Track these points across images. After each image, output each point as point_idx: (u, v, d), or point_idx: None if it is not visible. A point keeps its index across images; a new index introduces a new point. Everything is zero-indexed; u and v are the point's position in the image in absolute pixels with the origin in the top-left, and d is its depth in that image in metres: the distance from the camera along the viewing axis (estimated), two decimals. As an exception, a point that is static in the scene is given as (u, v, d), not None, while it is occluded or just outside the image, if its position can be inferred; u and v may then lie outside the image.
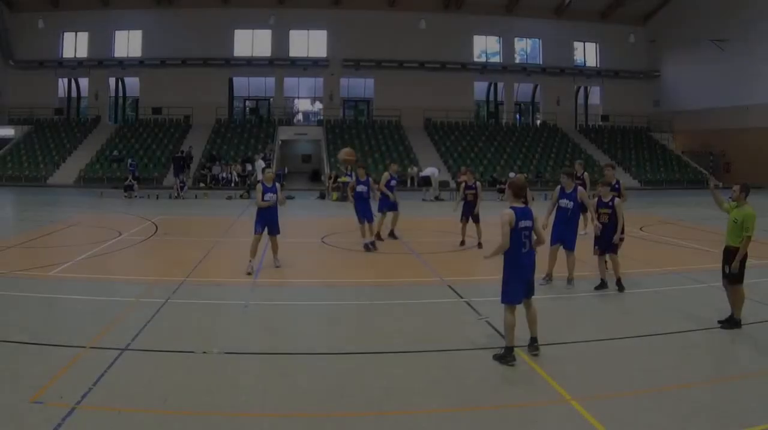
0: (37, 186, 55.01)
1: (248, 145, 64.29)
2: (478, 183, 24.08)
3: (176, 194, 45.79)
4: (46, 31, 68.86)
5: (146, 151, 62.46)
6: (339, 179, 46.23)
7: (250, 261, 18.23)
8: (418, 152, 62.98)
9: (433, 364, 11.18)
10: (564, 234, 17.03)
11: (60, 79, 73.38)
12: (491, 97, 77.10)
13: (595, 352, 11.97)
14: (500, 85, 76.00)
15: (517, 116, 78.16)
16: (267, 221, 18.63)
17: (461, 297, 15.53)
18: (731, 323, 13.01)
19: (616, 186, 18.79)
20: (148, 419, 8.66)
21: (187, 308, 14.47)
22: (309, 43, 72.69)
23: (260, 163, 46.38)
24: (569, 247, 17.04)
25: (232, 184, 55.42)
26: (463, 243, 23.76)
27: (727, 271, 12.99)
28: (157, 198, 44.87)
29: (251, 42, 72.50)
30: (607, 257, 16.73)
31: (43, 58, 70.57)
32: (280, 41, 71.83)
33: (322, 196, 47.38)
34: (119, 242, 24.30)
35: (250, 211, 33.69)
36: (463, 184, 24.42)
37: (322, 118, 72.36)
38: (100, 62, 71.41)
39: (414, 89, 70.18)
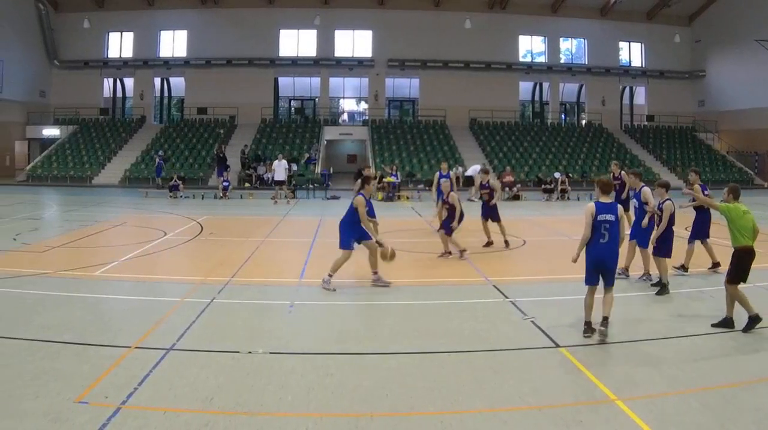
0: (83, 186, 55.67)
1: (293, 145, 64.46)
2: (493, 182, 24.40)
3: (221, 194, 45.95)
4: (91, 31, 69.75)
5: (191, 152, 62.89)
6: (384, 179, 46.20)
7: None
8: (463, 152, 62.72)
9: (478, 363, 11.12)
10: (636, 231, 17.71)
11: (105, 79, 74.25)
12: (536, 97, 77.00)
13: (639, 351, 11.85)
14: (545, 85, 75.90)
15: (563, 116, 77.78)
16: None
17: (506, 297, 15.46)
18: (726, 323, 13.04)
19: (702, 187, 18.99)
20: (193, 419, 8.67)
21: (233, 308, 14.48)
22: (354, 43, 72.86)
23: (283, 164, 46.17)
24: (640, 244, 17.58)
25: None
26: (489, 244, 23.71)
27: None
28: (203, 198, 45.22)
29: (296, 42, 72.81)
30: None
31: (88, 58, 71.40)
32: (326, 41, 72.01)
33: (368, 197, 47.15)
34: (165, 242, 24.43)
35: (295, 212, 33.78)
36: (478, 184, 24.84)
37: (367, 118, 72.57)
38: (146, 62, 72.12)
39: (459, 89, 70.14)
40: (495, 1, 70.11)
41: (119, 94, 76.19)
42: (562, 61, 74.78)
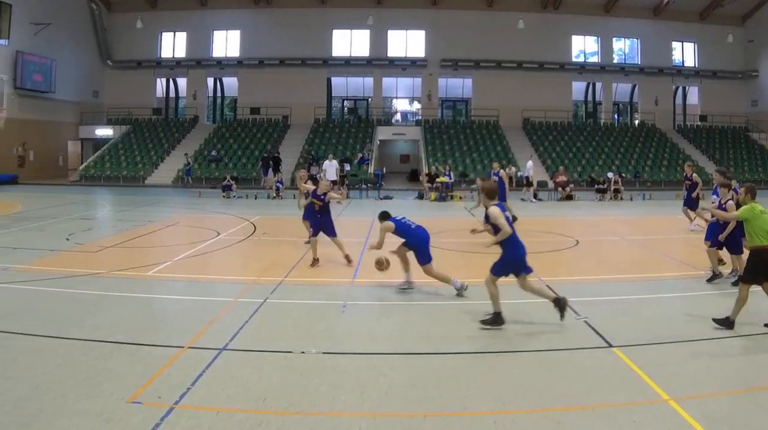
0: (135, 186, 56.12)
1: (346, 145, 64.52)
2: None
3: (274, 194, 46.10)
4: (144, 31, 70.34)
5: (244, 152, 63.17)
6: (437, 179, 46.16)
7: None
8: (516, 152, 62.41)
9: (531, 363, 11.17)
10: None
11: (158, 79, 74.91)
12: (589, 97, 76.67)
13: (692, 351, 11.81)
14: (598, 85, 75.42)
15: (615, 116, 77.36)
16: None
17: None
18: (726, 323, 12.93)
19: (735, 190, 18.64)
20: (246, 419, 8.72)
21: (285, 308, 14.53)
22: (407, 43, 72.83)
23: (334, 164, 46.27)
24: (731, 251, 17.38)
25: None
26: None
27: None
28: (255, 198, 45.36)
29: (349, 42, 72.89)
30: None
31: (141, 58, 72.12)
32: (379, 41, 72.10)
33: (420, 197, 47.26)
34: (218, 242, 24.56)
35: (348, 212, 33.81)
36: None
37: (420, 118, 72.32)
38: (198, 62, 72.64)
39: (512, 89, 69.95)
40: (548, 1, 69.87)
41: (172, 94, 76.85)
42: (615, 61, 74.20)
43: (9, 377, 10.04)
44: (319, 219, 20.67)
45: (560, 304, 13.26)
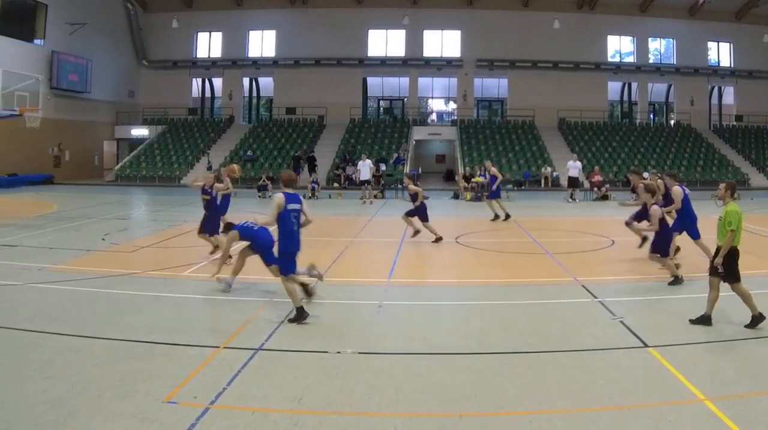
0: (171, 186, 56.30)
1: (382, 145, 64.60)
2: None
3: (309, 194, 46.15)
4: (180, 31, 70.68)
5: (280, 152, 63.27)
6: (473, 179, 46.09)
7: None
8: (552, 152, 62.38)
9: (567, 363, 11.17)
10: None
11: (193, 79, 75.30)
12: (625, 97, 76.36)
13: (728, 351, 11.86)
14: (634, 85, 75.08)
15: (651, 116, 76.86)
16: None
17: (595, 297, 15.41)
18: (755, 321, 13.01)
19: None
20: (281, 419, 8.76)
21: (321, 308, 14.58)
22: (443, 43, 72.79)
23: (368, 163, 46.25)
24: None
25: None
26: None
27: (720, 270, 13.07)
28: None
29: (385, 42, 73.00)
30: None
31: (177, 58, 72.58)
32: (414, 41, 72.08)
33: (456, 197, 47.21)
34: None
35: (383, 212, 33.81)
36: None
37: (455, 118, 72.39)
38: (234, 62, 72.89)
39: (548, 89, 69.77)
40: (584, 1, 69.62)
41: (208, 94, 77.24)
42: (650, 61, 73.77)
43: (45, 377, 10.12)
44: (206, 214, 21.22)
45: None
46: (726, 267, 13.03)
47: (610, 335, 12.74)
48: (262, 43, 73.70)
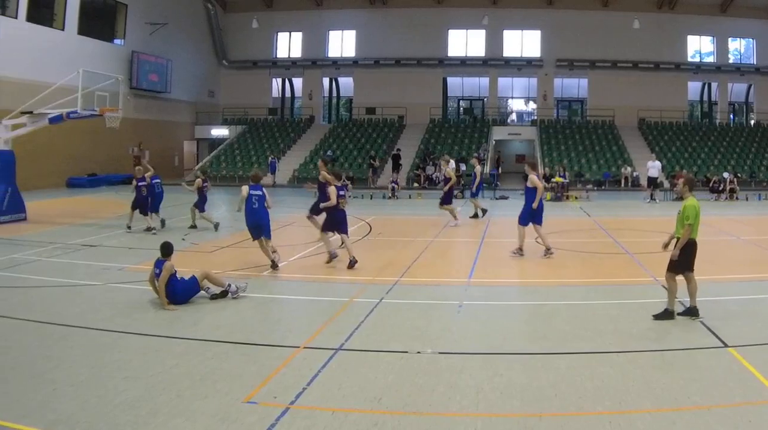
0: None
1: (462, 145, 64.47)
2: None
3: (389, 195, 46.23)
4: (260, 31, 71.28)
5: (359, 152, 63.55)
6: (553, 179, 45.89)
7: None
8: (632, 152, 61.90)
9: (646, 363, 11.10)
10: None
11: (273, 79, 75.93)
12: (705, 98, 75.47)
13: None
14: (714, 85, 74.11)
15: (731, 116, 75.80)
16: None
17: (675, 297, 15.10)
18: (690, 312, 13.66)
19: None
20: (361, 419, 8.78)
21: (401, 308, 14.61)
22: (523, 43, 72.59)
23: (450, 164, 46.25)
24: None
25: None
26: None
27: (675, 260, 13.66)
28: (371, 198, 45.58)
29: (465, 42, 72.91)
30: None
31: (257, 59, 73.29)
32: (494, 41, 71.92)
33: (535, 197, 46.89)
34: (333, 242, 24.69)
35: (464, 212, 33.74)
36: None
37: (535, 118, 72.21)
38: (314, 62, 73.43)
39: (628, 89, 69.20)
40: (663, 1, 68.95)
41: (288, 94, 77.80)
42: (730, 61, 72.82)
43: (125, 377, 10.27)
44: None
45: None
46: (682, 258, 13.55)
47: (690, 335, 12.69)
48: (341, 43, 74.14)
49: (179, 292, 14.88)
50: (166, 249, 15.20)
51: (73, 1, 51.21)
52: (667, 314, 13.51)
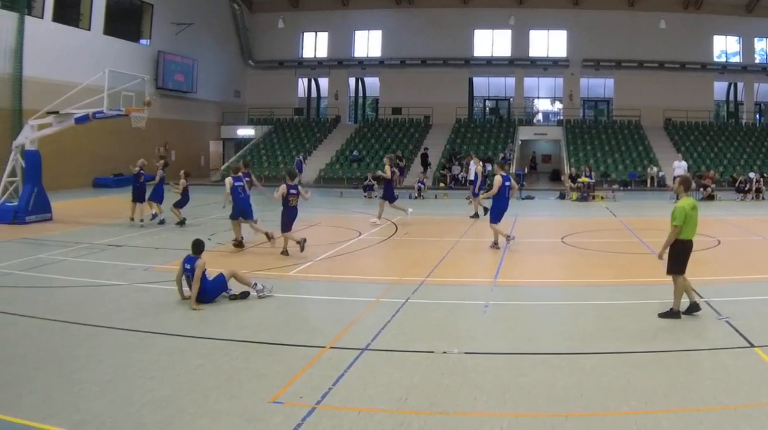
0: (277, 186, 56.21)
1: (488, 145, 64.28)
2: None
3: (416, 194, 46.24)
4: (286, 31, 71.48)
5: (386, 152, 62.87)
6: (579, 179, 45.81)
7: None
8: (658, 152, 61.70)
9: (672, 363, 11.12)
10: None
11: (299, 79, 76.03)
12: (731, 98, 75.30)
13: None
14: (740, 85, 73.91)
15: (757, 116, 75.28)
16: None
17: (701, 297, 15.05)
18: (669, 314, 13.77)
19: None
20: (387, 419, 8.79)
21: (427, 308, 14.61)
22: (549, 43, 72.49)
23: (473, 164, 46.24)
24: None
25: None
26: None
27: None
28: (397, 198, 45.29)
29: (491, 42, 72.78)
30: None
31: (283, 58, 73.35)
32: (520, 41, 71.79)
33: (562, 197, 46.94)
34: (359, 242, 24.78)
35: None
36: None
37: (561, 118, 72.06)
38: (340, 62, 73.43)
39: (653, 89, 69.06)
40: (689, 1, 68.72)
41: (313, 94, 77.93)
42: (756, 61, 72.45)
43: (151, 377, 10.33)
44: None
45: None
46: (672, 259, 13.69)
47: (716, 334, 12.70)
48: (368, 43, 74.18)
49: (208, 290, 14.99)
50: (198, 246, 15.33)
51: (99, 2, 51.51)
52: (672, 314, 13.60)
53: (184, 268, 15.02)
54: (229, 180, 23.00)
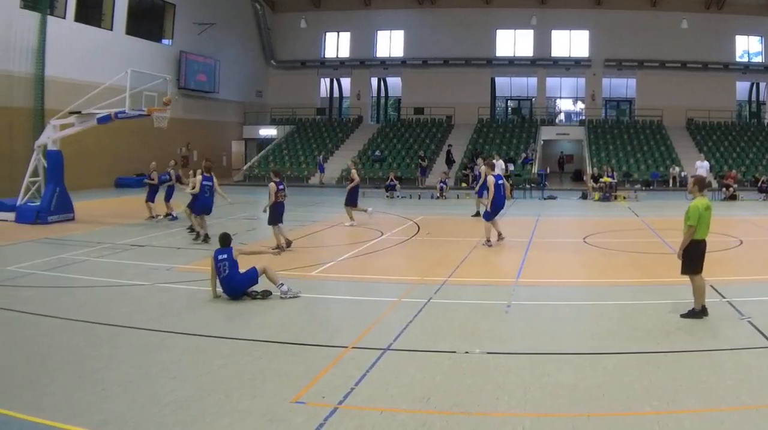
0: (299, 186, 56.63)
1: (510, 145, 64.28)
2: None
3: (437, 194, 46.19)
4: (308, 31, 71.59)
5: (408, 152, 63.48)
6: (601, 179, 45.70)
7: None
8: (680, 152, 61.42)
9: (694, 363, 11.08)
10: None
11: (322, 79, 76.12)
12: (753, 98, 74.94)
13: None
14: (762, 85, 73.55)
15: (779, 116, 75.08)
16: None
17: (723, 297, 15.16)
18: (693, 314, 13.72)
19: None
20: (409, 419, 8.78)
21: (449, 308, 14.59)
22: (571, 43, 72.38)
23: (499, 164, 46.20)
24: None
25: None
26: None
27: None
28: (419, 198, 45.54)
29: (513, 42, 72.76)
30: None
31: (305, 58, 73.41)
32: (542, 41, 71.72)
33: (584, 197, 46.75)
34: (381, 242, 24.77)
35: (511, 212, 33.68)
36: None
37: (583, 118, 71.91)
38: (362, 62, 73.50)
39: (676, 89, 68.78)
40: (712, 1, 68.53)
41: (336, 94, 78.06)
42: (779, 61, 72.22)
43: (173, 377, 10.38)
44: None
45: None
46: (686, 259, 13.65)
47: (738, 335, 12.64)
48: (390, 43, 74.21)
49: (240, 283, 15.15)
50: (225, 239, 15.58)
51: (121, 2, 51.77)
52: (694, 314, 13.60)
53: (216, 260, 15.15)
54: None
